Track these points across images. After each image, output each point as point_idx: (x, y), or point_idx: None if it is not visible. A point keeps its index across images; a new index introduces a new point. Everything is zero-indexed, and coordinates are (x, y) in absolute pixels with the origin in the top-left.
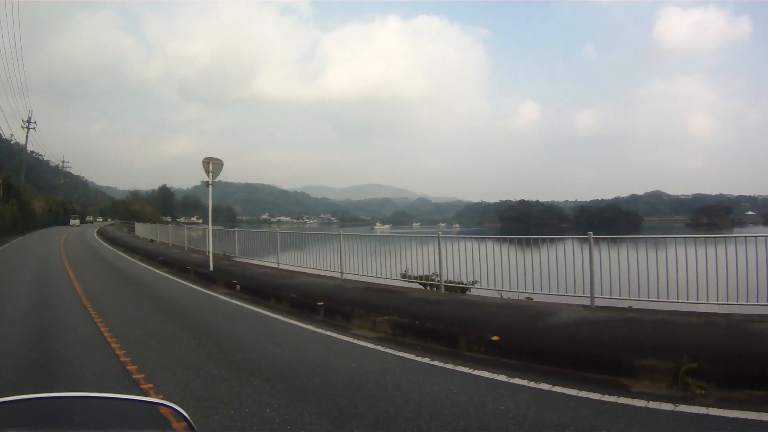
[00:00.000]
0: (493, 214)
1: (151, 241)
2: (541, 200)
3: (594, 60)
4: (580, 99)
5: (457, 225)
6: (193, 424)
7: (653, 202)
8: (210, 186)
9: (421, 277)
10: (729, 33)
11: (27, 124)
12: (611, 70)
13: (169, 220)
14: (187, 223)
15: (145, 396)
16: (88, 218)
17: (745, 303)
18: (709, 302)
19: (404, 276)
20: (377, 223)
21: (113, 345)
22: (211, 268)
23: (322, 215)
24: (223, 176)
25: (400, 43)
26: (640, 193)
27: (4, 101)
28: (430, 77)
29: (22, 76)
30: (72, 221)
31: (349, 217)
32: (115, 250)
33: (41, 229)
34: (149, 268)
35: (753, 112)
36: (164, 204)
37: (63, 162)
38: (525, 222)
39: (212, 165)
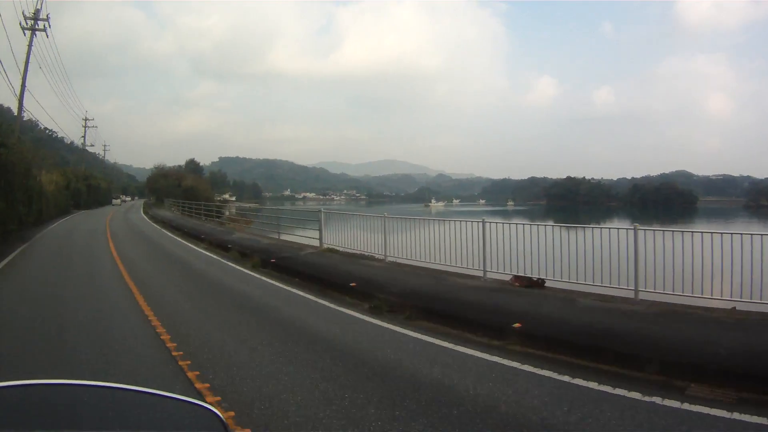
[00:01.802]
0: (524, 190)
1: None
2: (587, 177)
3: (611, 36)
4: (599, 75)
5: (512, 202)
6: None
7: (683, 181)
8: None
9: None
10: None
11: (34, 20)
12: (630, 46)
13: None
14: (221, 202)
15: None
16: (121, 197)
17: None
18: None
19: None
20: (432, 200)
21: None
22: None
23: (345, 191)
24: (241, 152)
25: (417, 17)
26: (667, 171)
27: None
28: (447, 52)
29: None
30: (114, 201)
31: (372, 194)
32: None
33: (55, 222)
34: None
35: None
36: None
37: (86, 119)
38: (572, 200)
39: None
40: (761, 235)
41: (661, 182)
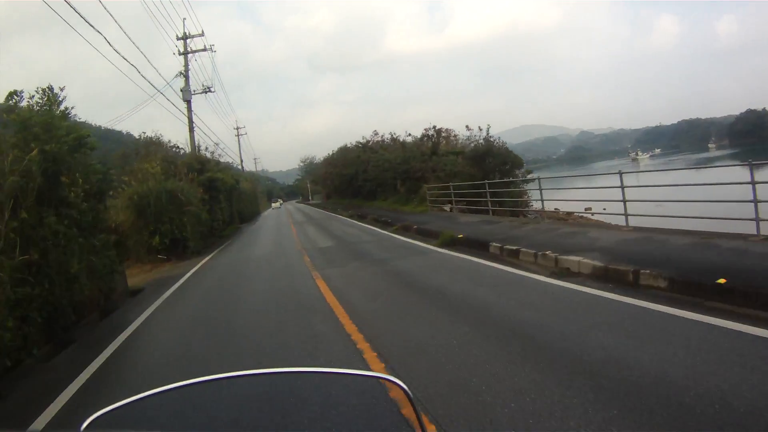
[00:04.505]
0: (686, 134)
1: None
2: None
3: None
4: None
5: (713, 145)
6: (415, 404)
7: None
8: None
9: None
10: None
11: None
12: None
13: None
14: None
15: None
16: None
17: None
18: None
19: None
20: (638, 152)
21: None
22: None
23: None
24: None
25: None
26: None
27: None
28: (564, 5)
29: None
30: (273, 204)
31: (528, 160)
32: None
33: None
34: None
35: None
36: None
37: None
38: (761, 136)
39: None
40: None
41: None
